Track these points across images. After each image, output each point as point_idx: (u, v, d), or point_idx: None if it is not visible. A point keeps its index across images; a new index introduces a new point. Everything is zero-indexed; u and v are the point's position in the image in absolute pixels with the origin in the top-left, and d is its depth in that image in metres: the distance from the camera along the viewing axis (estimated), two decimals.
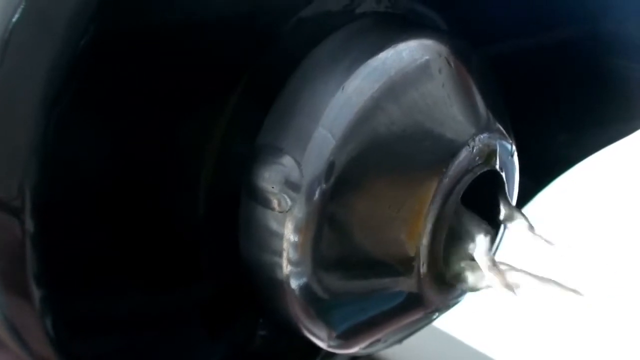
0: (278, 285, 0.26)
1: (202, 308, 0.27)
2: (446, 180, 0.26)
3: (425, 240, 0.26)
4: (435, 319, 0.29)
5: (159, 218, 0.25)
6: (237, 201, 0.26)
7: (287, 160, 0.25)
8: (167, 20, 0.23)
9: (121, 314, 0.26)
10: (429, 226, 0.26)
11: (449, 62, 0.27)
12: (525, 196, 0.34)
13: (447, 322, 0.32)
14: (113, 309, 0.26)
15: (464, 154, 0.26)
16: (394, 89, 0.25)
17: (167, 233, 0.26)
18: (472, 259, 0.27)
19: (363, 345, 0.28)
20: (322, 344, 0.27)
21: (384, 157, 0.25)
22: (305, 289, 0.26)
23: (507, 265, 0.27)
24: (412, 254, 0.26)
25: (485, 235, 0.27)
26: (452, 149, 0.26)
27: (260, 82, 0.26)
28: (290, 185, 0.25)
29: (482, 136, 0.27)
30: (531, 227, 0.28)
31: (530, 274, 0.27)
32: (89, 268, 0.24)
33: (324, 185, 0.25)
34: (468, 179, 0.26)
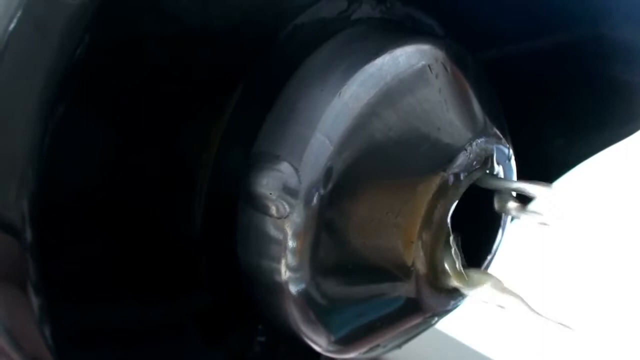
0: (277, 291, 0.26)
1: (201, 316, 0.27)
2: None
3: (423, 246, 0.26)
4: (434, 323, 0.29)
5: (157, 227, 0.25)
6: (235, 208, 0.26)
7: (285, 167, 0.25)
8: (162, 30, 0.23)
9: (120, 323, 0.26)
10: (426, 231, 0.26)
11: (445, 67, 0.27)
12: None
13: (446, 323, 0.32)
14: (111, 318, 0.26)
15: (461, 159, 0.26)
16: (391, 94, 0.25)
17: (165, 241, 0.26)
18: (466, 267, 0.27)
19: (362, 350, 0.28)
20: (321, 350, 0.27)
21: (381, 162, 0.25)
22: (304, 294, 0.25)
23: (505, 288, 0.27)
24: (410, 259, 0.26)
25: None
26: (449, 154, 0.26)
27: (257, 90, 0.26)
28: (288, 192, 0.25)
29: (479, 141, 0.27)
30: (521, 206, 0.27)
31: (523, 301, 0.26)
32: (88, 277, 0.24)
33: (322, 191, 0.25)
34: (465, 184, 0.26)
